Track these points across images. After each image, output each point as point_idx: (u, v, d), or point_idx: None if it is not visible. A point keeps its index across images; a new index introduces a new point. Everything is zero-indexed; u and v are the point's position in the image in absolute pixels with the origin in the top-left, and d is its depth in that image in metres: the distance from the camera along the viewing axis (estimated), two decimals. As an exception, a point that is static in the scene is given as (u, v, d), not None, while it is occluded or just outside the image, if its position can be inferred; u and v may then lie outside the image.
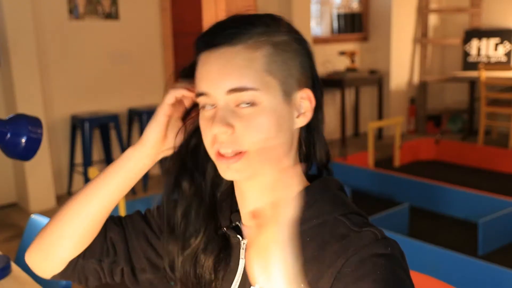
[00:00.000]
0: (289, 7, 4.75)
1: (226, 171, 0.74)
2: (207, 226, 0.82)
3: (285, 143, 0.75)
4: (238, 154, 0.72)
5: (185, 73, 0.80)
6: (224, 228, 0.82)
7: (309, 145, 0.81)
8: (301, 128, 0.78)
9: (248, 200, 0.79)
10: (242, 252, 0.80)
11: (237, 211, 0.83)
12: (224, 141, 0.72)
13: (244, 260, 0.80)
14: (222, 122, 0.71)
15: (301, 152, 0.80)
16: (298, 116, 0.76)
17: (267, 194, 0.75)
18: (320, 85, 0.79)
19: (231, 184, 0.84)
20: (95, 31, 4.14)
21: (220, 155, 0.73)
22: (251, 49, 0.72)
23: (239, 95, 0.71)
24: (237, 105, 0.72)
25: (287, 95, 0.74)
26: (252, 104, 0.71)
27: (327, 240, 0.71)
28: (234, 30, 0.72)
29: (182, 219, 0.82)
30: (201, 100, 0.75)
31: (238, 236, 0.81)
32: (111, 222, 0.87)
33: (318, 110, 0.79)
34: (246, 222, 0.80)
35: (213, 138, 0.73)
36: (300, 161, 0.80)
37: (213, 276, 0.82)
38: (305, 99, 0.76)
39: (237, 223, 0.82)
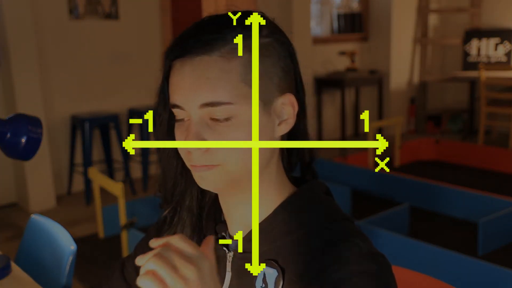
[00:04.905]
0: (289, 7, 4.74)
1: (199, 181, 0.71)
2: (193, 237, 0.79)
3: (264, 155, 0.71)
4: (210, 165, 0.69)
5: (165, 83, 0.73)
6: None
7: (292, 150, 0.78)
8: (283, 135, 0.74)
9: (235, 212, 0.76)
10: (228, 265, 0.76)
11: (222, 222, 0.80)
12: (198, 158, 0.69)
13: (230, 273, 0.76)
14: (195, 139, 0.68)
15: (283, 157, 0.77)
16: (279, 124, 0.72)
17: (252, 206, 0.73)
18: (303, 87, 0.75)
19: (216, 194, 0.81)
20: (95, 31, 4.14)
21: (194, 165, 0.71)
22: (227, 57, 0.67)
23: (212, 110, 0.67)
24: (211, 119, 0.68)
25: (267, 104, 0.69)
26: (227, 118, 0.67)
27: (313, 252, 0.69)
28: (209, 36, 0.67)
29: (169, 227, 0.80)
30: (175, 112, 0.71)
31: (224, 248, 0.77)
32: None
33: (302, 114, 0.74)
34: (233, 233, 0.77)
35: (187, 153, 0.70)
36: (284, 166, 0.77)
37: None
38: (287, 105, 0.71)
39: (222, 234, 0.79)
